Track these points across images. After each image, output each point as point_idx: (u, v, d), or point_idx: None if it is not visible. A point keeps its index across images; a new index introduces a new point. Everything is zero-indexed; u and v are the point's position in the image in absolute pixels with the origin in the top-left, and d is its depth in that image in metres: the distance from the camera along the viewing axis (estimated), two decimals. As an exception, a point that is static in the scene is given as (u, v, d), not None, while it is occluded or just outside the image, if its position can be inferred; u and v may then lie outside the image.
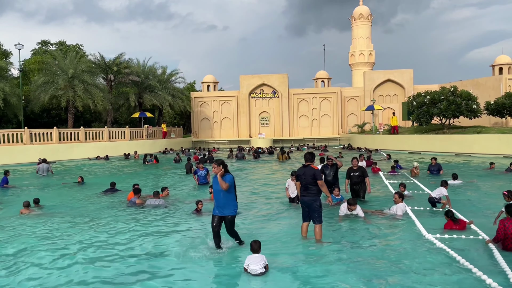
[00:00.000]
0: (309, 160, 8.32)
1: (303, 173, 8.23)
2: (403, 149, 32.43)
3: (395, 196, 10.53)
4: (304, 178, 8.20)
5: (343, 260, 7.06)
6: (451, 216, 9.02)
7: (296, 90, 50.63)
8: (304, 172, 8.23)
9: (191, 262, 7.15)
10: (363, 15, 57.59)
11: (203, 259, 7.29)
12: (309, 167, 8.24)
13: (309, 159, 8.34)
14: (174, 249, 7.84)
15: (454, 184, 14.50)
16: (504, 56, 43.10)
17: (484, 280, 5.88)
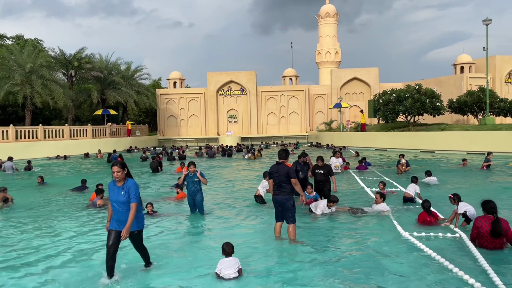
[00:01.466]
0: (283, 157, 7.94)
1: (277, 171, 7.86)
2: (370, 146, 32.83)
3: (377, 196, 10.38)
4: (277, 176, 7.82)
5: (319, 261, 6.76)
6: (427, 207, 8.98)
7: (264, 87, 50.44)
8: (278, 169, 7.85)
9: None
10: (329, 13, 58.11)
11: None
12: (282, 165, 7.87)
13: (283, 156, 7.96)
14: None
15: (429, 182, 14.26)
16: (465, 55, 44.55)
17: (466, 280, 5.69)
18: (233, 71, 49.67)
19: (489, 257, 6.56)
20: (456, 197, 9.03)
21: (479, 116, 34.90)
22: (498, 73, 42.50)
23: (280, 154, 7.99)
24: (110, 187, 6.05)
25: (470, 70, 43.76)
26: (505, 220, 7.05)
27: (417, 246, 7.34)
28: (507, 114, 34.31)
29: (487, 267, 6.09)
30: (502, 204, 10.68)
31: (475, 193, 12.26)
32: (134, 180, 6.08)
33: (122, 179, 5.95)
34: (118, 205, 5.93)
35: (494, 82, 42.02)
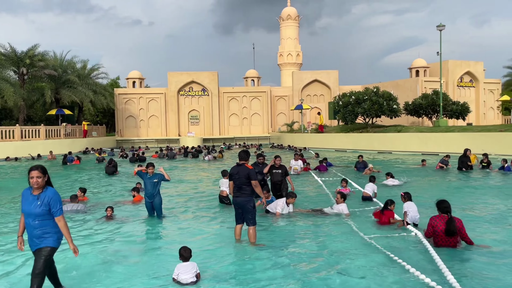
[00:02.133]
0: (244, 158, 7.79)
1: (237, 173, 7.69)
2: (330, 147, 33.36)
3: (338, 197, 10.44)
4: (238, 178, 7.66)
5: (279, 263, 6.66)
6: (385, 206, 9.19)
7: (226, 88, 50.19)
8: (238, 171, 7.69)
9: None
10: (291, 16, 58.70)
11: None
12: (243, 166, 7.71)
13: (244, 157, 7.80)
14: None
15: (388, 183, 14.32)
16: (420, 59, 46.27)
17: (422, 280, 5.75)
18: (195, 71, 49.09)
19: (444, 255, 6.69)
20: (407, 196, 9.23)
21: (433, 118, 36.30)
22: (451, 77, 44.44)
23: (240, 156, 7.83)
24: (23, 195, 5.11)
25: (425, 74, 45.50)
26: (458, 219, 7.24)
27: (375, 246, 7.39)
28: (459, 117, 35.91)
29: (442, 265, 6.19)
30: (456, 203, 11.07)
31: (432, 193, 12.64)
32: (54, 189, 5.16)
33: (41, 187, 5.02)
34: (32, 218, 4.94)
35: (447, 86, 43.90)
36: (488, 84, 48.26)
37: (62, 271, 6.49)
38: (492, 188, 13.67)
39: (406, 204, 8.96)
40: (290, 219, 9.74)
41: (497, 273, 6.03)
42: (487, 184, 14.66)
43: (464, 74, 45.90)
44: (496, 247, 7.29)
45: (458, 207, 10.52)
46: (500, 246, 7.33)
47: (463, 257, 6.86)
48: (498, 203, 11.17)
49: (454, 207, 10.30)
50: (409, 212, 8.74)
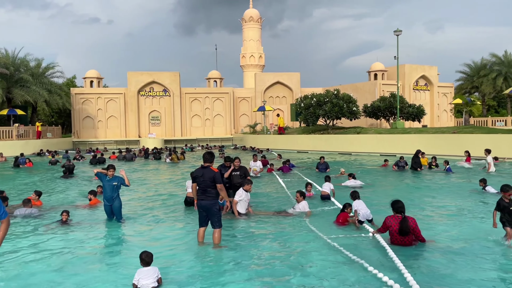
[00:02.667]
0: (209, 160, 7.66)
1: (202, 175, 7.56)
2: (292, 148, 33.72)
3: (297, 195, 10.56)
4: (202, 181, 7.53)
5: (242, 265, 6.62)
6: (342, 209, 9.41)
7: (188, 89, 49.62)
8: (203, 173, 7.56)
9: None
10: (253, 18, 58.92)
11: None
12: (208, 169, 7.60)
13: (209, 159, 7.68)
14: None
15: (350, 184, 14.53)
16: (378, 63, 47.70)
17: (380, 278, 5.87)
18: (156, 71, 48.19)
19: (400, 253, 6.89)
20: (355, 195, 9.51)
21: (390, 120, 37.50)
22: (407, 81, 46.11)
23: (205, 158, 7.70)
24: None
25: (383, 77, 46.94)
26: (412, 218, 7.46)
27: (335, 246, 7.49)
28: (415, 119, 37.29)
29: (398, 263, 6.35)
30: (413, 202, 11.46)
31: (391, 192, 13.02)
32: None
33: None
34: None
35: (403, 89, 45.50)
36: (442, 88, 50.49)
37: (15, 279, 6.15)
38: (442, 187, 14.26)
39: (355, 203, 9.20)
40: (253, 220, 9.71)
41: (451, 269, 6.27)
42: (436, 183, 15.28)
43: (420, 78, 47.75)
44: (449, 244, 7.58)
45: (415, 205, 10.89)
46: (453, 243, 7.62)
47: (418, 254, 7.09)
48: (449, 201, 11.67)
49: (411, 206, 10.69)
50: (359, 210, 8.97)
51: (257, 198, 12.55)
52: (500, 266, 6.40)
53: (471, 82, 53.83)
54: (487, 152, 18.42)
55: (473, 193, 12.78)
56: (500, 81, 49.99)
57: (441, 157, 21.91)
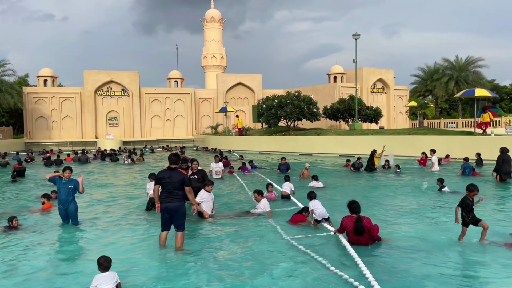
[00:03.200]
0: (175, 162, 7.51)
1: (169, 177, 7.38)
2: (254, 149, 33.82)
3: (255, 195, 10.57)
4: (169, 182, 7.35)
5: (204, 268, 6.55)
6: (301, 210, 9.57)
7: (148, 89, 48.65)
8: (170, 175, 7.39)
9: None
10: (214, 18, 58.64)
11: None
12: (176, 171, 7.48)
13: (175, 161, 7.52)
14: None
15: (314, 185, 14.58)
16: (337, 66, 48.81)
17: (341, 276, 5.99)
18: (114, 71, 46.88)
19: (359, 253, 7.05)
20: (312, 194, 9.72)
21: (349, 122, 38.45)
22: (365, 83, 47.46)
23: (172, 159, 7.51)
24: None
25: (342, 80, 48.07)
26: (367, 218, 7.64)
27: (295, 246, 7.57)
28: (372, 121, 38.45)
29: (358, 261, 6.50)
30: (371, 202, 11.78)
31: (350, 192, 13.32)
32: None
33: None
34: None
35: (362, 91, 46.80)
36: (398, 91, 52.36)
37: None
38: (398, 187, 14.77)
39: (312, 203, 9.37)
40: (215, 223, 9.62)
41: (408, 266, 6.48)
42: (393, 183, 15.81)
43: (377, 81, 49.29)
44: (406, 241, 7.83)
45: (373, 205, 11.21)
46: (409, 241, 7.89)
47: (376, 252, 7.28)
48: (405, 200, 12.10)
49: (369, 205, 10.99)
50: (315, 210, 9.15)
51: (219, 199, 12.46)
52: (453, 262, 6.67)
53: (425, 85, 56.15)
54: (432, 152, 19.30)
55: (429, 193, 13.28)
56: (451, 84, 52.47)
57: (396, 157, 22.67)
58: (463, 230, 7.73)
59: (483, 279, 5.96)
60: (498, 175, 15.18)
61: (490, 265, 6.50)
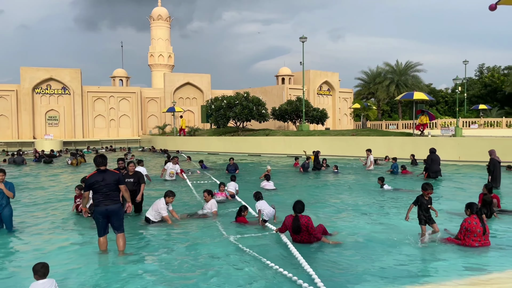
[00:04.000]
0: (103, 163, 7.23)
1: (103, 179, 7.09)
2: (203, 150, 33.54)
3: (204, 195, 10.56)
4: (105, 185, 7.07)
5: (149, 271, 6.39)
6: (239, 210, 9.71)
7: (91, 87, 46.68)
8: (104, 178, 7.10)
9: None
10: (162, 16, 57.45)
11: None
12: (109, 172, 7.22)
13: (103, 162, 7.23)
14: None
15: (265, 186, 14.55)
16: (285, 68, 49.60)
17: (285, 275, 6.07)
18: (54, 68, 44.48)
19: (302, 250, 7.22)
20: (259, 195, 9.83)
21: (297, 123, 39.19)
22: (312, 85, 48.61)
23: (98, 161, 7.17)
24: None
25: (290, 82, 48.89)
26: (306, 216, 7.74)
27: (240, 246, 7.58)
28: (318, 122, 39.46)
29: (301, 259, 6.64)
30: (318, 200, 12.08)
31: (300, 192, 13.56)
32: None
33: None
34: None
35: (309, 93, 47.89)
36: (343, 93, 54.16)
37: None
38: (343, 185, 15.28)
39: (258, 203, 9.49)
40: (162, 225, 9.39)
41: (349, 263, 6.68)
42: (339, 182, 16.34)
43: (323, 83, 50.65)
44: (349, 239, 8.09)
45: (319, 204, 11.51)
46: (353, 238, 8.16)
47: (320, 250, 7.46)
48: (350, 198, 12.53)
49: (315, 204, 11.26)
50: (263, 210, 9.26)
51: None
52: (392, 258, 6.97)
53: (368, 88, 58.54)
54: (368, 152, 20.14)
55: (371, 191, 13.83)
56: (392, 88, 55.12)
57: (341, 158, 23.44)
58: (422, 229, 7.90)
59: (422, 273, 6.28)
60: (427, 173, 16.45)
61: (427, 260, 6.87)
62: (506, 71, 65.60)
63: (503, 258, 6.81)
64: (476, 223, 7.41)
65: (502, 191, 13.33)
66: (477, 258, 6.86)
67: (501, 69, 67.34)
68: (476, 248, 7.30)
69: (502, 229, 8.61)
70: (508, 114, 56.09)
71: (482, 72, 69.67)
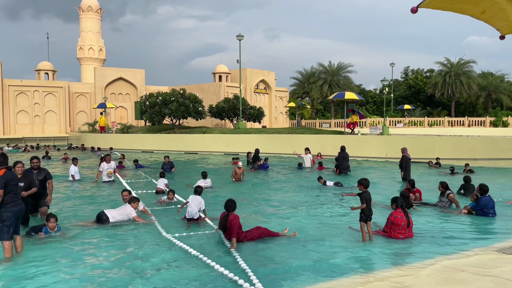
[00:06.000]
0: (4, 163, 6.77)
1: (14, 179, 6.78)
2: (137, 148, 32.44)
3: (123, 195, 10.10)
4: (15, 184, 6.78)
5: (77, 274, 5.99)
6: None
7: (13, 81, 43.28)
8: (15, 177, 6.82)
9: None
10: (92, 8, 54.67)
11: None
12: (13, 172, 6.98)
13: (4, 162, 6.78)
14: None
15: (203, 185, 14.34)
16: (222, 65, 49.52)
17: (222, 272, 6.04)
18: (-31, 58, 40.61)
19: (241, 247, 7.23)
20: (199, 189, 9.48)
21: (234, 121, 39.25)
22: (249, 84, 48.97)
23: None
24: None
25: (227, 79, 48.87)
26: (234, 215, 7.70)
27: (178, 245, 7.43)
28: (255, 120, 39.82)
29: (238, 259, 6.62)
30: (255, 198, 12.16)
31: (241, 190, 13.56)
32: None
33: None
34: None
35: (246, 91, 48.18)
36: (279, 92, 55.18)
37: None
38: (284, 183, 15.55)
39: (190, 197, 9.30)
40: (92, 228, 8.90)
41: (286, 258, 6.78)
42: (279, 180, 16.61)
43: (260, 82, 51.24)
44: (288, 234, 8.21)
45: (257, 201, 11.60)
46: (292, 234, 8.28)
47: (258, 246, 7.49)
48: (289, 195, 12.76)
49: (253, 201, 11.32)
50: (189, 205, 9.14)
51: (102, 202, 11.59)
52: (325, 252, 7.18)
53: (302, 87, 60.25)
54: (307, 150, 20.70)
55: (313, 188, 14.13)
56: (326, 87, 57.19)
57: (277, 155, 23.84)
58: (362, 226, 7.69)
59: (351, 264, 6.52)
60: (338, 169, 17.61)
61: (357, 252, 7.15)
62: (428, 73, 70.84)
63: (424, 247, 7.29)
64: (401, 217, 7.85)
65: (423, 185, 14.29)
66: (402, 249, 7.28)
67: (424, 71, 72.58)
68: (401, 239, 7.74)
69: (422, 221, 9.21)
70: (430, 114, 60.67)
71: (407, 74, 74.61)
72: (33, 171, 9.27)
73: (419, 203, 10.99)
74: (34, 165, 9.37)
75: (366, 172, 18.10)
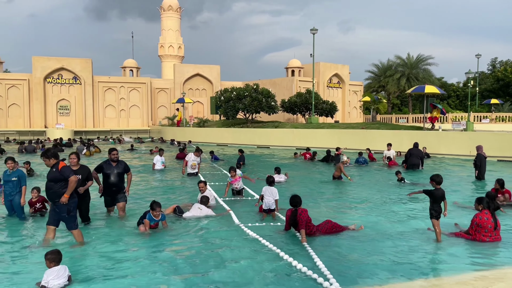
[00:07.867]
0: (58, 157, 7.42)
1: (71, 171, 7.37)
2: (212, 141, 33.59)
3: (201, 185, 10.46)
4: None
5: (161, 259, 6.40)
6: None
7: (102, 77, 46.96)
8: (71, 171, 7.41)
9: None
10: (172, 7, 57.37)
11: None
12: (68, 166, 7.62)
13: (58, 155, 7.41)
14: None
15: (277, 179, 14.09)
16: (295, 60, 49.38)
17: (295, 266, 6.08)
18: (65, 57, 44.81)
19: (312, 241, 7.24)
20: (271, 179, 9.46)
21: (306, 116, 39.05)
22: (322, 78, 48.34)
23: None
24: None
25: (300, 74, 48.67)
26: (303, 209, 7.71)
27: (252, 236, 7.61)
28: (328, 115, 39.28)
29: (311, 251, 6.64)
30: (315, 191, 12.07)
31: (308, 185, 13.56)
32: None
33: None
34: None
35: (318, 86, 47.65)
36: (353, 86, 53.79)
37: None
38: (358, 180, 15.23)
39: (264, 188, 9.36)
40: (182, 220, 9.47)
41: (360, 255, 6.67)
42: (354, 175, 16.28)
43: (333, 76, 50.34)
44: (358, 232, 8.06)
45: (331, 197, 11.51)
46: (362, 231, 8.11)
47: (329, 242, 7.44)
48: (359, 192, 12.48)
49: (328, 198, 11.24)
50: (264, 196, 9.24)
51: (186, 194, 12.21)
52: (403, 251, 6.96)
53: (378, 81, 58.02)
54: (389, 146, 19.91)
55: (389, 185, 13.74)
56: (403, 81, 54.55)
57: (350, 151, 23.31)
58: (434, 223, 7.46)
59: (431, 267, 6.25)
60: (406, 165, 17.52)
61: (437, 254, 6.83)
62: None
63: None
64: (488, 218, 7.34)
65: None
66: (488, 253, 6.81)
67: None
68: (487, 243, 7.25)
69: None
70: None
71: (495, 66, 68.63)
72: (112, 163, 9.16)
73: (509, 205, 10.16)
74: (114, 157, 9.19)
75: (447, 170, 17.02)
